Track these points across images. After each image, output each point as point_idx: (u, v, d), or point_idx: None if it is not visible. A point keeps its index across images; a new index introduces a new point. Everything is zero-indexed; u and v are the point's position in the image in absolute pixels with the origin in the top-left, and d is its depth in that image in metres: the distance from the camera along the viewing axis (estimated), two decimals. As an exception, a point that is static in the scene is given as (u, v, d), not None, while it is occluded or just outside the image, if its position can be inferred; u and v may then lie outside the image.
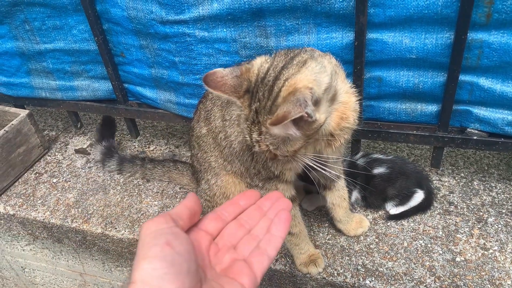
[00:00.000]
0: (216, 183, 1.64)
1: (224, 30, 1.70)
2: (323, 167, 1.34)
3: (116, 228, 1.97)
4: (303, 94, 1.07)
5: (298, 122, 1.09)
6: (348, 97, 1.33)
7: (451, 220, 1.77)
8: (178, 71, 1.89)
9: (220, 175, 1.63)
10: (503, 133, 1.66)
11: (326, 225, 1.83)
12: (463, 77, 1.60)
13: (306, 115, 1.06)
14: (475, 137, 1.70)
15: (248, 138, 1.21)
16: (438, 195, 1.88)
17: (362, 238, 1.75)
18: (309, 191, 1.94)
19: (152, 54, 1.91)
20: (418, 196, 1.80)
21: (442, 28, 1.51)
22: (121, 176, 2.25)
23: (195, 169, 1.79)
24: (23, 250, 2.46)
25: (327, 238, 1.77)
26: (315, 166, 1.30)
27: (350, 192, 1.83)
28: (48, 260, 2.48)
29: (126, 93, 2.20)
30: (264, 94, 1.13)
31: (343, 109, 1.31)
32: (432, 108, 1.72)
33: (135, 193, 2.14)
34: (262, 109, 1.13)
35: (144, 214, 2.01)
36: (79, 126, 2.57)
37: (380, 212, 1.85)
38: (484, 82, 1.58)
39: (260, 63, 1.21)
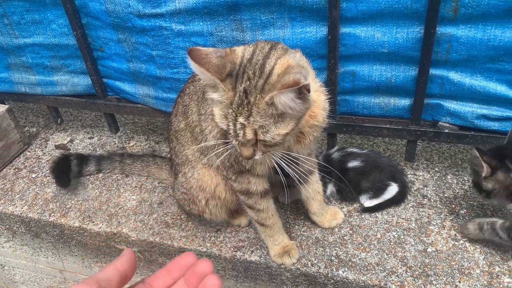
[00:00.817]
0: (193, 176, 1.65)
1: (201, 23, 1.72)
2: (294, 164, 1.36)
3: (93, 222, 1.97)
4: (300, 69, 1.09)
5: (296, 96, 1.08)
6: (317, 96, 1.35)
7: (424, 213, 1.80)
8: (155, 65, 1.90)
9: (197, 168, 1.65)
10: (473, 126, 1.70)
11: (302, 217, 1.85)
12: (433, 71, 1.63)
13: (307, 88, 1.07)
14: (446, 131, 1.73)
15: (231, 126, 1.15)
16: (412, 189, 1.91)
17: (336, 230, 1.77)
18: (286, 185, 1.96)
19: (130, 48, 1.93)
20: (392, 189, 1.83)
21: (412, 22, 1.55)
22: (101, 172, 2.25)
23: (173, 163, 1.80)
24: (3, 247, 2.45)
25: (302, 230, 1.80)
26: (285, 164, 1.31)
27: (325, 185, 1.85)
28: (28, 257, 2.46)
29: (106, 88, 2.21)
30: (254, 73, 1.12)
31: (313, 107, 1.33)
32: (405, 102, 1.76)
33: (113, 188, 2.15)
34: (253, 88, 1.11)
35: (122, 208, 2.02)
36: (59, 122, 2.57)
37: (355, 205, 1.88)
38: (454, 76, 1.62)
39: (243, 48, 1.21)
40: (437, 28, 1.51)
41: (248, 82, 1.12)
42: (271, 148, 1.22)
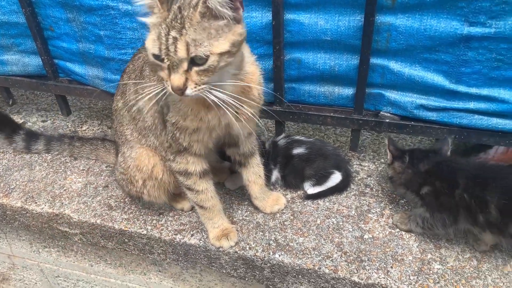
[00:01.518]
0: (130, 155, 1.64)
1: (147, 4, 1.71)
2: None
3: (36, 203, 1.94)
4: None
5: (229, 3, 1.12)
6: (254, 68, 1.38)
7: (365, 201, 1.83)
8: (104, 45, 1.89)
9: (135, 147, 1.64)
10: (412, 117, 1.73)
11: (246, 203, 1.86)
12: (374, 60, 1.66)
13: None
14: (387, 120, 1.77)
15: (163, 42, 1.12)
16: (356, 178, 1.94)
17: (278, 215, 1.78)
18: (233, 170, 1.97)
19: (79, 28, 1.91)
20: (336, 177, 1.85)
21: (354, 10, 1.57)
22: (49, 155, 2.22)
23: (116, 144, 1.79)
24: None
25: (244, 215, 1.80)
26: (227, 103, 1.25)
27: (270, 172, 1.87)
28: (-25, 242, 2.41)
29: (57, 68, 2.18)
30: None
31: (249, 79, 1.35)
32: (349, 91, 1.78)
33: (60, 170, 2.12)
34: (187, 5, 1.12)
35: (67, 190, 1.99)
36: (11, 103, 2.52)
37: (299, 192, 1.89)
38: (394, 65, 1.65)
39: None
40: (376, 17, 1.54)
41: (182, 0, 1.13)
42: (205, 77, 1.17)
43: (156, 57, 1.16)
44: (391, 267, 1.56)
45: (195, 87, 1.16)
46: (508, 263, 1.55)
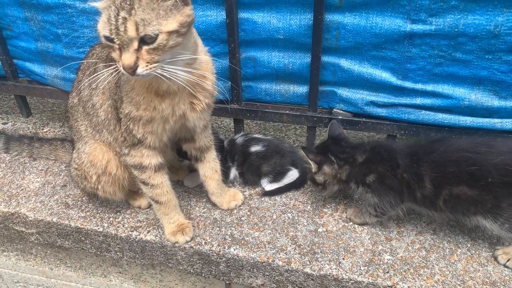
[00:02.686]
0: (84, 150, 1.64)
1: (104, 2, 1.74)
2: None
3: (-9, 203, 1.92)
4: None
5: None
6: (207, 58, 1.42)
7: (320, 197, 1.86)
8: (62, 44, 1.90)
9: (89, 143, 1.64)
10: (363, 113, 1.79)
11: (204, 200, 1.87)
12: (326, 58, 1.72)
13: None
14: (340, 117, 1.82)
15: (113, 23, 1.14)
16: (313, 175, 1.97)
17: (235, 211, 1.80)
18: (192, 169, 1.98)
19: (37, 27, 1.92)
20: (292, 174, 1.89)
21: (304, 9, 1.63)
22: (8, 155, 2.19)
23: (72, 141, 1.79)
24: None
25: (202, 212, 1.81)
26: (180, 79, 1.26)
27: (229, 169, 1.89)
28: None
29: (16, 69, 2.17)
30: None
31: (204, 68, 1.40)
32: (303, 89, 1.83)
33: (19, 170, 2.10)
34: None
35: (24, 190, 1.97)
36: (-30, 105, 2.49)
37: (257, 189, 1.92)
38: (344, 63, 1.71)
39: None
40: (325, 15, 1.59)
41: None
42: (156, 55, 1.19)
43: (107, 38, 1.18)
44: (343, 259, 1.59)
45: (146, 66, 1.18)
46: (455, 252, 1.60)
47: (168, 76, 1.23)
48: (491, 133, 1.67)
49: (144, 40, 1.16)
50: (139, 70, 1.18)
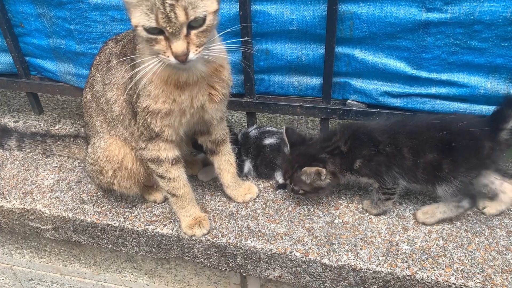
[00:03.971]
0: (100, 145, 1.65)
1: (117, -3, 1.74)
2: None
3: (7, 199, 1.92)
4: None
5: None
6: (223, 47, 1.42)
7: (335, 188, 1.86)
8: (74, 40, 1.90)
9: (104, 138, 1.64)
10: (378, 103, 1.78)
11: (219, 193, 1.87)
12: (339, 49, 1.71)
13: None
14: (354, 108, 1.81)
15: (161, 11, 1.11)
16: (327, 167, 1.97)
17: (250, 204, 1.80)
18: (206, 163, 1.99)
19: (49, 23, 1.92)
20: (307, 166, 1.88)
21: (318, 0, 1.62)
22: (21, 153, 2.20)
23: (87, 137, 1.79)
24: None
25: (217, 205, 1.82)
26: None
27: (243, 163, 1.89)
28: None
29: (28, 66, 2.17)
30: None
31: (221, 59, 1.40)
32: (317, 81, 1.83)
33: (32, 167, 2.10)
34: None
35: (39, 186, 1.98)
36: (-18, 104, 2.50)
37: (271, 182, 1.92)
38: (359, 53, 1.70)
39: None
40: (339, 5, 1.59)
41: None
42: (204, 38, 1.19)
43: (151, 30, 1.16)
44: (361, 249, 1.59)
45: (196, 50, 1.18)
46: (473, 241, 1.60)
47: (212, 57, 1.26)
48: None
49: (190, 25, 1.16)
50: (191, 56, 1.18)
